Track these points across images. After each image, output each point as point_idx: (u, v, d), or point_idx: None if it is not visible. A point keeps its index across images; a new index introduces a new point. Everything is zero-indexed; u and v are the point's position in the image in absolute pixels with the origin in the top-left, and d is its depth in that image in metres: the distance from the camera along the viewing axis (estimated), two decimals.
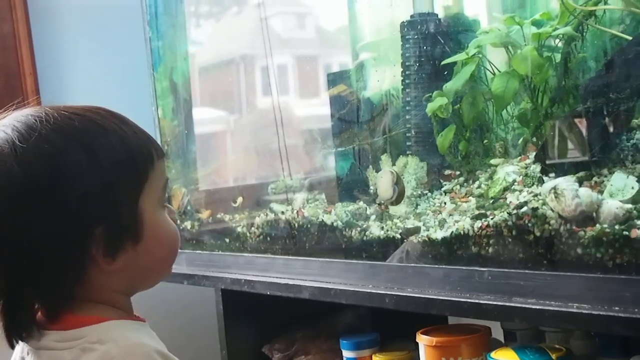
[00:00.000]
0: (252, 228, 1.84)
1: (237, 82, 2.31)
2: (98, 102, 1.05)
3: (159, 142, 1.12)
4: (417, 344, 1.46)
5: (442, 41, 1.51)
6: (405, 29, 1.55)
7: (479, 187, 1.40)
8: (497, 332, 1.58)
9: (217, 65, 2.38)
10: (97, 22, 2.43)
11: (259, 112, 2.26)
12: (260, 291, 1.68)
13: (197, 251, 2.01)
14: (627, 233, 1.07)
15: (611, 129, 1.20)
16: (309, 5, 2.32)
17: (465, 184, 1.45)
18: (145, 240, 1.00)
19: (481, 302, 1.22)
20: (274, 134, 2.02)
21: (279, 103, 2.05)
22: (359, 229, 1.55)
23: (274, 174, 1.99)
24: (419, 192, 1.50)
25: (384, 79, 1.66)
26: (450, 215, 1.38)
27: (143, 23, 2.19)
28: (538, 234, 1.19)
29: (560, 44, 1.35)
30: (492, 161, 1.42)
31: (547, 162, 1.28)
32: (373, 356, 1.69)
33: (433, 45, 1.53)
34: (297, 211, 1.73)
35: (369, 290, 1.43)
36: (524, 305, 1.16)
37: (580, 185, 1.17)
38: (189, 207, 2.12)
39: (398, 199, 1.47)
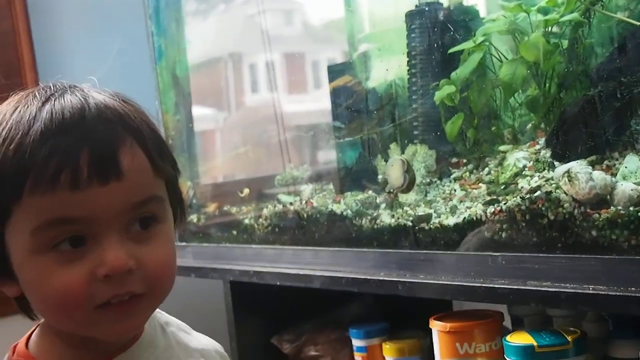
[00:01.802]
0: (260, 219, 1.85)
1: (232, 78, 2.32)
2: None
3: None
4: (427, 331, 1.47)
5: (449, 29, 1.52)
6: (411, 18, 1.56)
7: (489, 173, 1.42)
8: (505, 319, 1.59)
9: (211, 61, 2.38)
10: (98, 16, 2.43)
11: (262, 105, 2.26)
12: (269, 282, 1.68)
13: (204, 244, 2.02)
14: None
15: (621, 113, 1.21)
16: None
17: (474, 171, 1.47)
18: (22, 285, 0.88)
19: (496, 286, 1.23)
20: (276, 128, 2.03)
21: (278, 97, 2.06)
22: (369, 217, 1.56)
23: (280, 166, 2.00)
24: (429, 180, 1.51)
25: (390, 68, 1.66)
26: (461, 201, 1.40)
27: (145, 17, 2.19)
28: (552, 217, 1.20)
29: (567, 31, 1.36)
30: (501, 148, 1.43)
31: (558, 147, 1.29)
32: (383, 344, 1.70)
33: (439, 34, 1.54)
34: (306, 201, 1.74)
35: (381, 278, 1.44)
36: (539, 288, 1.17)
37: (593, 168, 1.18)
38: (194, 201, 2.13)
39: (409, 186, 1.48)
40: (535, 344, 1.21)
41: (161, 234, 0.89)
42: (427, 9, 1.56)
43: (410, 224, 1.45)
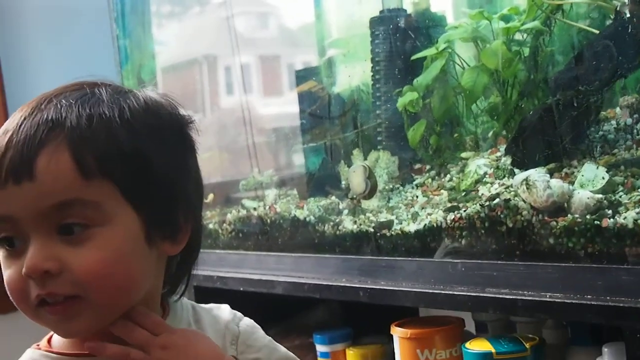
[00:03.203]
0: (224, 225, 1.85)
1: (204, 81, 2.32)
2: None
3: None
4: (390, 337, 1.47)
5: (412, 36, 1.53)
6: (375, 25, 1.57)
7: (450, 180, 1.42)
8: (469, 324, 1.60)
9: (183, 64, 2.38)
10: (63, 20, 2.42)
11: (226, 110, 2.26)
12: (233, 287, 1.68)
13: None
14: (598, 222, 1.09)
15: (579, 121, 1.22)
16: (275, 3, 2.33)
17: (436, 177, 1.47)
18: None
19: (455, 293, 1.23)
20: (243, 131, 2.03)
21: (247, 101, 2.06)
22: (331, 223, 1.56)
23: (244, 171, 1.99)
24: (391, 186, 1.51)
25: (353, 74, 1.67)
26: (422, 208, 1.40)
27: (110, 21, 2.18)
28: (510, 225, 1.20)
29: (528, 39, 1.37)
30: (463, 154, 1.44)
31: (518, 154, 1.30)
32: (347, 350, 1.69)
33: (403, 41, 1.54)
34: (269, 207, 1.74)
35: (342, 284, 1.44)
36: (497, 296, 1.17)
37: (551, 176, 1.19)
38: None
39: (370, 193, 1.48)
40: (493, 351, 1.21)
41: (96, 238, 0.87)
42: (390, 15, 1.56)
43: (372, 230, 1.45)
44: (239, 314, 1.11)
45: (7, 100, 2.30)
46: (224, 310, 1.10)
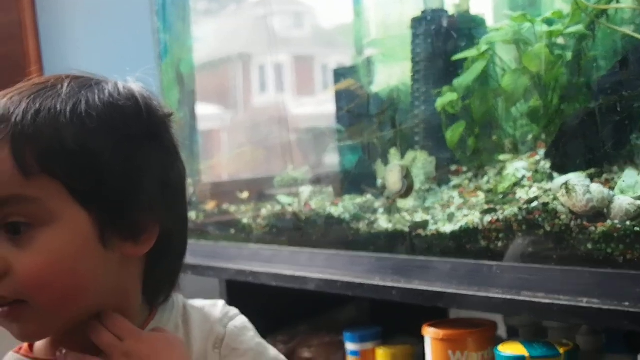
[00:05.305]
0: (258, 219, 1.85)
1: (239, 79, 2.33)
2: None
3: None
4: (420, 337, 1.46)
5: (453, 37, 1.52)
6: (417, 25, 1.56)
7: (488, 182, 1.42)
8: (500, 328, 1.59)
9: (219, 61, 2.39)
10: (105, 11, 2.43)
11: (262, 108, 2.27)
12: (265, 282, 1.68)
13: (201, 241, 2.02)
14: (638, 229, 1.08)
15: (622, 127, 1.21)
16: (311, 3, 2.34)
17: (473, 179, 1.46)
18: None
19: (490, 295, 1.23)
20: (278, 129, 2.04)
21: (283, 99, 2.07)
22: (366, 221, 1.56)
23: (279, 168, 2.00)
24: (428, 187, 1.51)
25: (392, 74, 1.67)
26: (459, 209, 1.40)
27: (151, 14, 2.19)
28: (548, 228, 1.20)
29: (571, 42, 1.36)
30: (501, 157, 1.43)
31: (557, 158, 1.29)
32: (376, 349, 1.69)
33: (443, 41, 1.54)
34: (304, 203, 1.74)
35: (375, 283, 1.43)
36: (532, 300, 1.17)
37: (591, 181, 1.18)
38: (194, 198, 2.13)
39: (407, 192, 1.48)
40: (527, 354, 1.20)
41: (40, 239, 0.85)
42: (432, 15, 1.55)
43: (407, 229, 1.45)
44: (232, 312, 1.06)
45: None
46: (216, 309, 1.05)
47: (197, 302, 1.04)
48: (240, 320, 1.05)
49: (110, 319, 0.91)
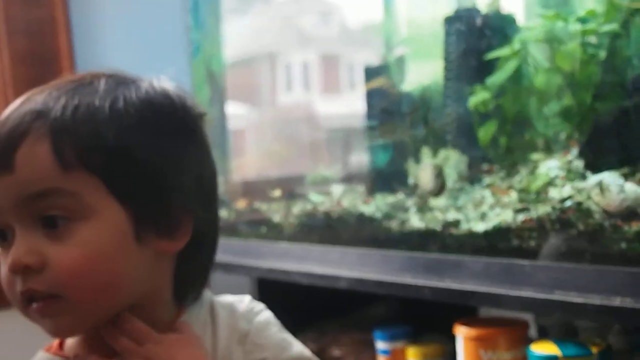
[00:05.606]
0: (289, 218, 1.86)
1: (275, 76, 2.34)
2: None
3: None
4: (450, 336, 1.47)
5: (486, 36, 1.52)
6: (450, 23, 1.56)
7: (520, 181, 1.41)
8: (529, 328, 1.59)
9: (248, 59, 2.40)
10: (136, 7, 2.44)
11: (296, 105, 2.28)
12: (297, 280, 1.68)
13: (232, 239, 2.03)
14: None
15: None
16: (340, 2, 2.34)
17: (506, 178, 1.46)
18: None
19: (522, 294, 1.23)
20: (310, 127, 2.04)
21: (312, 98, 2.07)
22: (397, 220, 1.56)
23: (310, 166, 2.01)
24: (460, 185, 1.51)
25: (424, 72, 1.67)
26: (491, 208, 1.39)
27: (183, 11, 2.20)
28: (581, 227, 1.19)
29: (604, 41, 1.35)
30: (534, 156, 1.43)
31: (591, 157, 1.28)
32: (406, 348, 1.70)
33: (476, 40, 1.54)
34: (336, 201, 1.75)
35: (407, 281, 1.44)
36: (565, 299, 1.16)
37: (625, 180, 1.18)
38: (225, 197, 2.14)
39: (439, 191, 1.48)
40: (559, 354, 1.20)
41: (78, 233, 0.85)
42: (465, 14, 1.55)
43: (439, 228, 1.45)
44: (257, 307, 1.04)
45: None
46: (242, 304, 1.03)
47: (225, 298, 1.04)
48: (264, 315, 1.03)
49: (127, 322, 0.91)
